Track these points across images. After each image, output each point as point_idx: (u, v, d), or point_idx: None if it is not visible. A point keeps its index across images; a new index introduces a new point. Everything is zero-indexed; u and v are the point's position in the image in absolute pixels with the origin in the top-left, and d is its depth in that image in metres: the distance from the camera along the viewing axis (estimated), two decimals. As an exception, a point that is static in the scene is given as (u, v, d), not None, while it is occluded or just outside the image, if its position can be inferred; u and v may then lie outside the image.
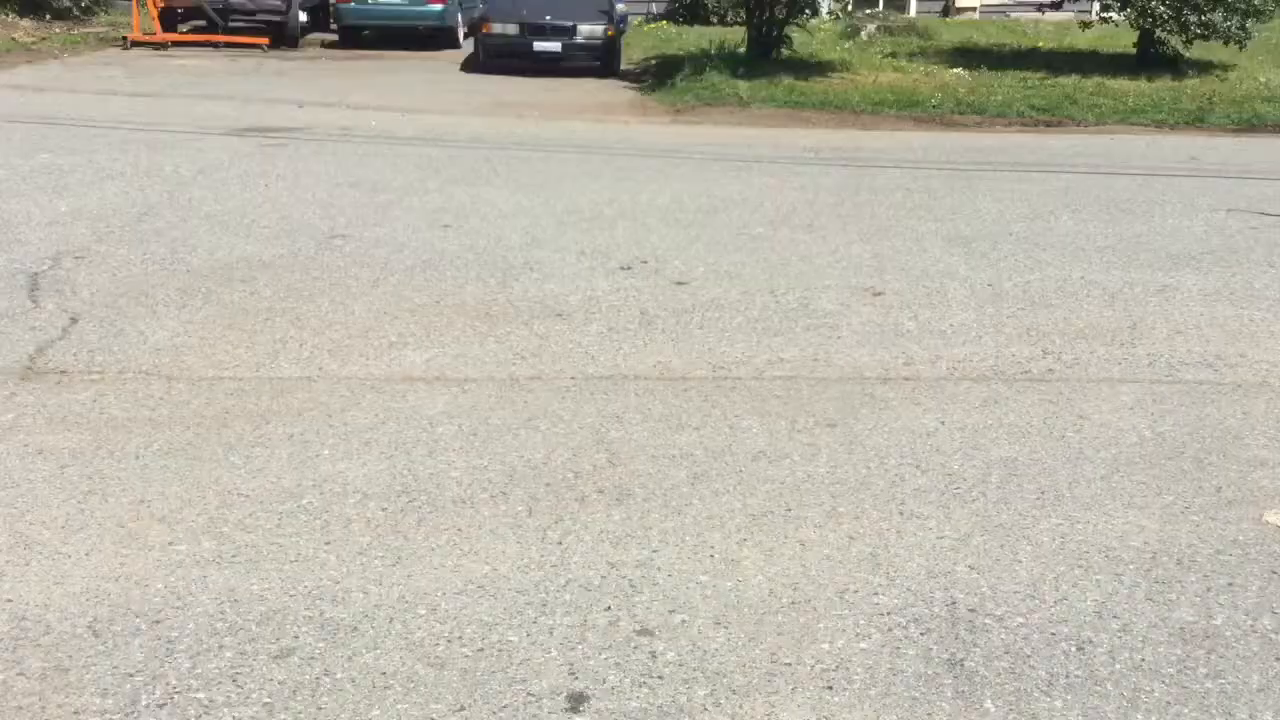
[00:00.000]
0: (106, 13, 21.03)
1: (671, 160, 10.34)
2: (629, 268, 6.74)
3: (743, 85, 14.37)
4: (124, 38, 18.12)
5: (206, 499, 3.81)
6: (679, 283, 6.47)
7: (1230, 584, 3.47)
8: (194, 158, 9.60)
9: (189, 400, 4.63)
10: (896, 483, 4.10)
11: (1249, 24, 15.41)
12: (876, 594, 3.37)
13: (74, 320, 5.52)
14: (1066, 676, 3.00)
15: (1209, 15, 15.15)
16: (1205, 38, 15.55)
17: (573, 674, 2.96)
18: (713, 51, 16.40)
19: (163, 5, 18.29)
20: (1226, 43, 15.53)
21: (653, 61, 17.53)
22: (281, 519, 3.70)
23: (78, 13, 20.72)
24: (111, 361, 5.03)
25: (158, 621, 3.12)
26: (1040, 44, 19.10)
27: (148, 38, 17.95)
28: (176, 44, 18.10)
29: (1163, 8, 15.27)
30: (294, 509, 3.76)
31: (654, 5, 24.08)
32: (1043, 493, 4.04)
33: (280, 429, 4.38)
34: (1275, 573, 3.54)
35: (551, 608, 3.24)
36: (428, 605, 3.23)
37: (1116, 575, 3.50)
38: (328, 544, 3.54)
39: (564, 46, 16.79)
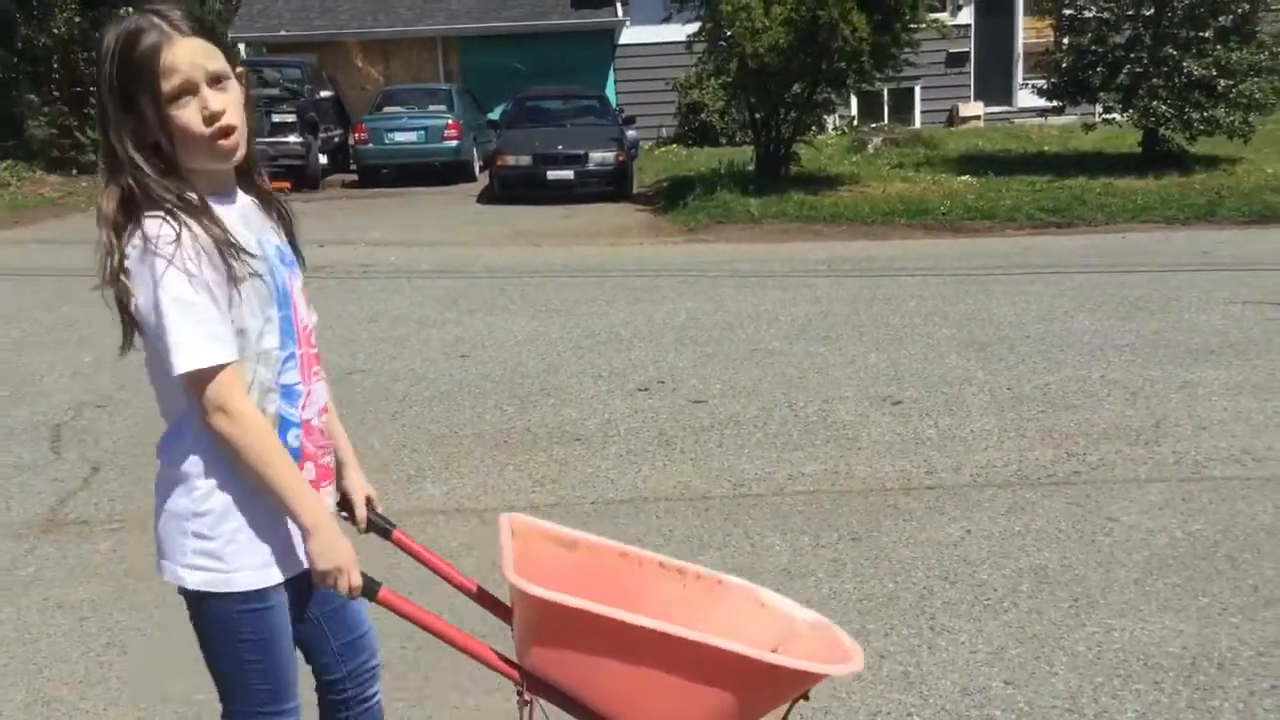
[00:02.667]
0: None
1: (686, 279, 10.43)
2: (646, 389, 6.75)
3: (754, 202, 14.56)
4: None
5: (226, 645, 3.77)
6: (696, 401, 6.47)
7: (1274, 687, 3.37)
8: (215, 301, 9.74)
9: (209, 545, 4.61)
10: (925, 596, 4.03)
11: (1251, 118, 15.58)
12: (910, 715, 3.28)
13: (95, 469, 5.55)
14: (1111, 793, 2.90)
15: (1211, 111, 15.34)
16: (1209, 133, 15.72)
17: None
18: (723, 171, 16.67)
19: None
20: (1231, 137, 15.69)
21: (664, 183, 17.82)
22: (302, 662, 3.64)
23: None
24: (133, 509, 5.03)
25: (176, 776, 3.07)
26: (1045, 148, 19.33)
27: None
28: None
29: (1164, 106, 15.48)
30: (313, 652, 3.71)
31: (664, 130, 24.56)
32: (1075, 600, 3.95)
33: (300, 570, 4.35)
34: (1321, 673, 3.43)
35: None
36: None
37: (1156, 684, 3.40)
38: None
39: (577, 174, 17.09)
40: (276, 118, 19.04)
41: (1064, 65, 16.72)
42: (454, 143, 19.70)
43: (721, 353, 7.56)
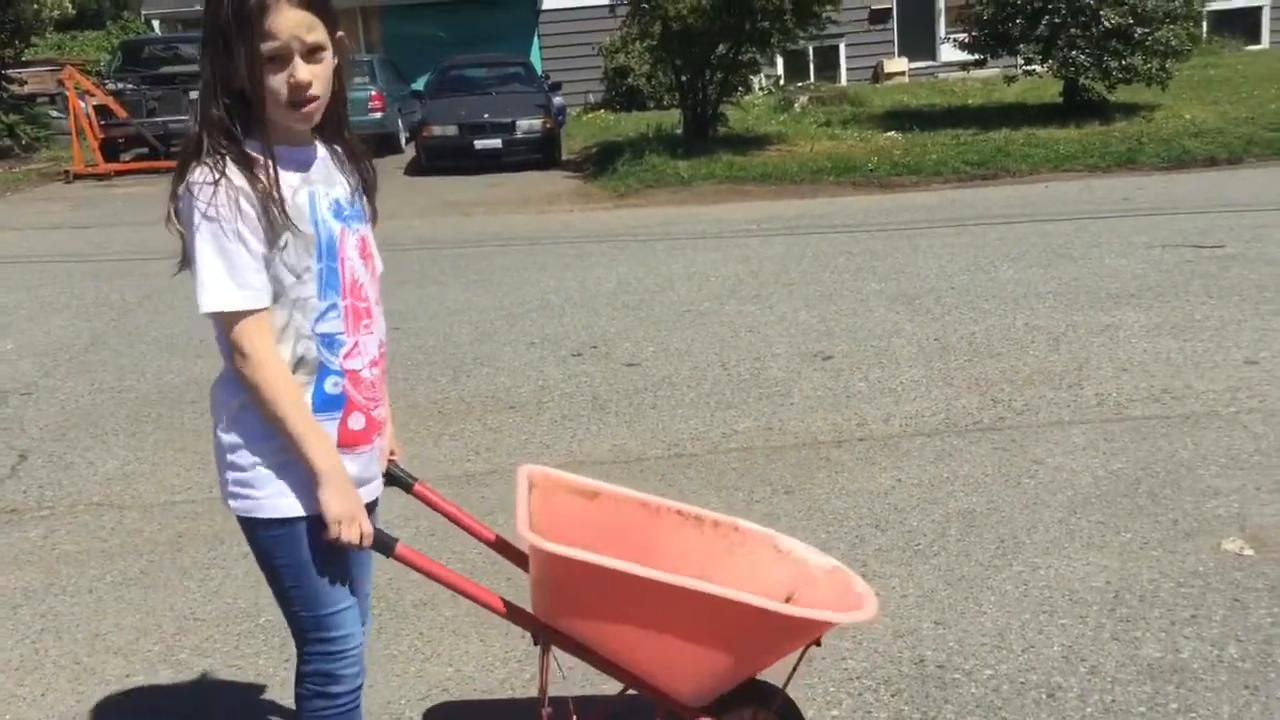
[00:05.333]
0: (49, 148, 21.08)
1: (617, 244, 10.44)
2: (579, 354, 6.77)
3: (683, 165, 14.57)
4: (66, 171, 18.17)
5: (163, 627, 3.75)
6: (630, 364, 6.50)
7: (1194, 616, 3.48)
8: (139, 284, 9.58)
9: (142, 528, 4.58)
10: (857, 544, 4.10)
11: (1169, 64, 15.85)
12: (844, 659, 3.35)
13: (23, 457, 5.46)
14: (1038, 725, 2.99)
15: (1129, 59, 15.58)
16: (1128, 81, 15.97)
17: (542, 770, 2.91)
18: (651, 135, 16.66)
19: (103, 137, 18.37)
20: (1149, 84, 15.95)
21: (593, 149, 17.77)
22: (239, 640, 3.64)
23: (19, 150, 20.78)
24: (62, 496, 4.97)
25: (116, 757, 3.06)
26: (969, 101, 19.54)
27: (90, 170, 18.00)
28: (119, 173, 18.15)
29: (1083, 56, 15.69)
30: (252, 629, 3.70)
31: (591, 95, 24.46)
32: (1002, 541, 4.05)
33: (235, 549, 4.32)
34: (1238, 600, 3.55)
35: (519, 705, 3.20)
36: (391, 714, 3.18)
37: (1081, 618, 3.50)
38: (287, 661, 3.48)
39: (504, 142, 16.98)
40: (195, 95, 18.66)
41: (984, 18, 16.87)
42: (378, 114, 19.46)
43: (653, 315, 7.59)
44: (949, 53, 22.76)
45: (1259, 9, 26.01)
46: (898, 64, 25.29)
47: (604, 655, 2.44)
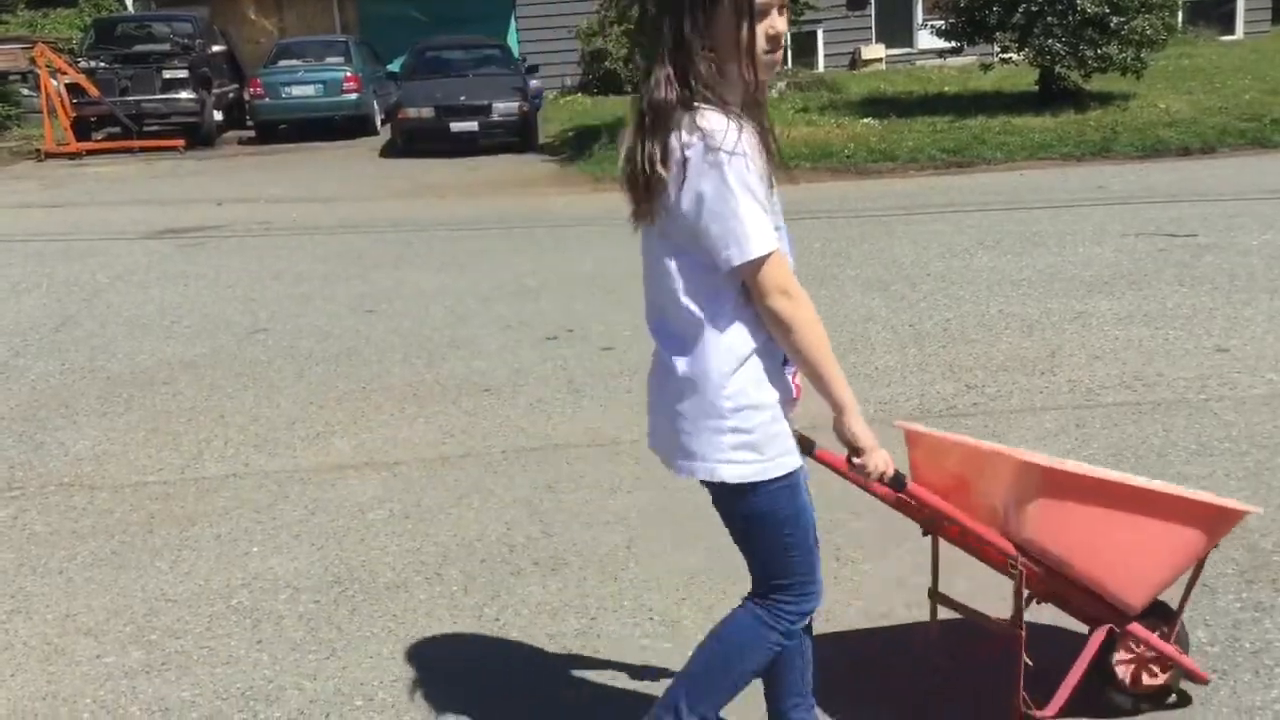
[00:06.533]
0: (20, 126, 20.85)
1: (593, 228, 10.41)
2: (555, 338, 6.76)
3: (659, 150, 14.52)
4: (37, 150, 17.99)
5: (134, 608, 3.74)
6: (605, 348, 6.50)
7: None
8: (111, 264, 9.51)
9: (113, 509, 4.55)
10: (832, 529, 4.10)
11: (1144, 54, 15.90)
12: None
13: (-8, 437, 5.42)
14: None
15: (1105, 49, 15.61)
16: (1103, 70, 16.01)
17: (516, 752, 2.91)
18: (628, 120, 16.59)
19: (74, 115, 18.19)
20: (1124, 73, 16.00)
21: (570, 134, 17.70)
22: (211, 621, 3.63)
23: (-11, 129, 20.57)
24: (32, 476, 4.93)
25: (86, 738, 3.04)
26: (946, 89, 19.55)
27: (62, 148, 17.83)
28: (91, 152, 17.99)
29: (1059, 45, 15.71)
30: (224, 610, 3.69)
31: (568, 79, 24.34)
32: (975, 526, 4.07)
33: (208, 529, 4.32)
34: (1206, 585, 3.57)
35: (491, 687, 3.20)
36: (364, 695, 3.17)
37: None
38: (259, 643, 3.48)
39: (480, 125, 16.89)
40: (168, 74, 18.53)
41: (962, 5, 16.87)
42: (353, 96, 19.34)
43: (629, 300, 7.57)
44: (926, 40, 22.77)
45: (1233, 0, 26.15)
46: (875, 50, 25.27)
47: (1072, 569, 2.70)
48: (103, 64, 18.67)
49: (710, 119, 2.15)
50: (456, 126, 16.79)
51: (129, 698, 3.22)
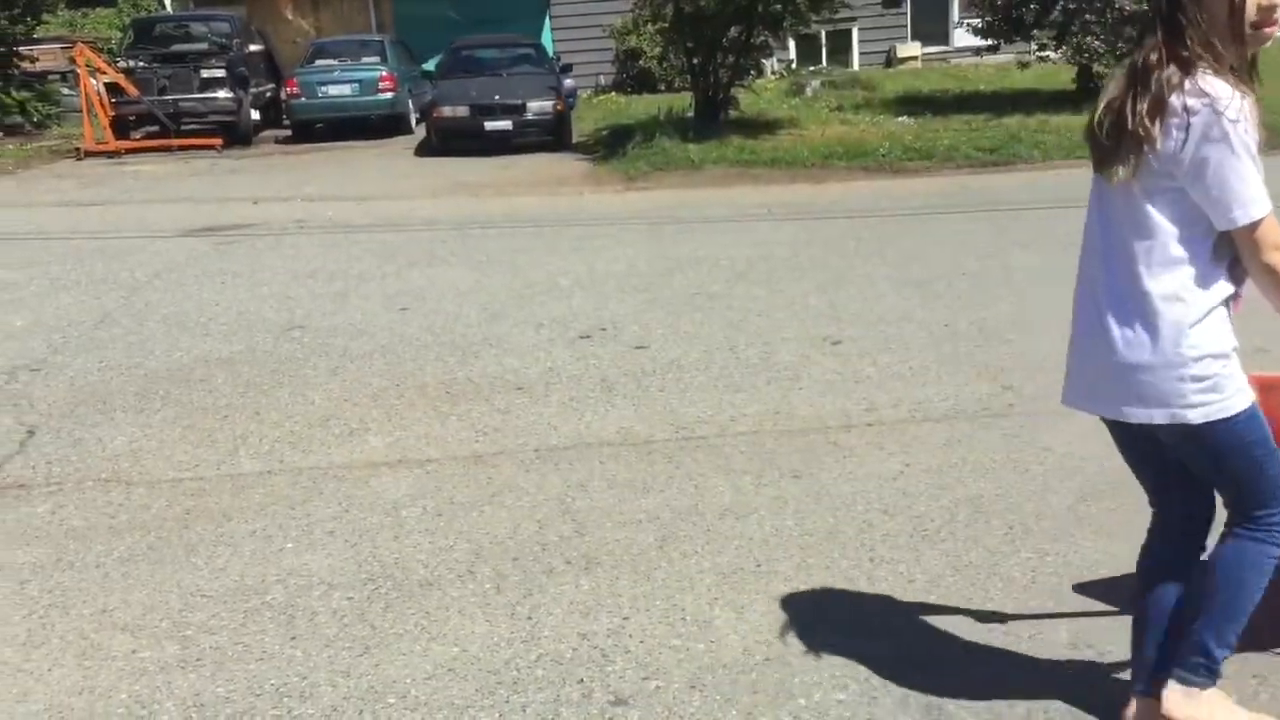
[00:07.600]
0: (60, 125, 21.08)
1: (626, 227, 10.41)
2: (588, 336, 6.76)
3: (693, 148, 14.50)
4: (77, 149, 18.17)
5: (169, 603, 3.76)
6: (638, 347, 6.49)
7: (1202, 604, 3.46)
8: (149, 261, 9.59)
9: (149, 504, 4.58)
10: (865, 529, 4.09)
11: (1182, 52, 15.74)
12: (852, 639, 3.34)
13: (31, 433, 5.47)
14: (1045, 713, 2.98)
15: (1142, 46, 15.46)
16: (1141, 68, 15.85)
17: (547, 750, 2.91)
18: (662, 118, 16.56)
19: (114, 114, 18.36)
20: (1162, 72, 15.84)
21: (604, 132, 17.69)
22: (246, 617, 3.65)
23: (30, 127, 20.77)
24: (70, 471, 4.98)
25: (122, 732, 3.06)
26: (981, 87, 19.42)
27: (101, 147, 17.99)
28: (130, 151, 18.14)
29: (1097, 42, 15.59)
30: (258, 606, 3.71)
31: (602, 77, 24.36)
32: (1010, 528, 4.04)
33: (242, 526, 4.34)
34: (1246, 589, 3.53)
35: (523, 685, 3.20)
36: (397, 693, 3.18)
37: (1088, 605, 3.49)
38: (293, 639, 3.49)
39: (515, 124, 16.91)
40: (206, 73, 18.66)
41: (999, 3, 16.76)
42: (389, 95, 19.41)
43: (663, 298, 7.57)
44: (962, 38, 22.62)
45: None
46: (911, 49, 25.13)
47: None
48: (141, 63, 18.83)
49: (1213, 84, 2.35)
50: (491, 125, 16.82)
51: (164, 693, 3.24)
